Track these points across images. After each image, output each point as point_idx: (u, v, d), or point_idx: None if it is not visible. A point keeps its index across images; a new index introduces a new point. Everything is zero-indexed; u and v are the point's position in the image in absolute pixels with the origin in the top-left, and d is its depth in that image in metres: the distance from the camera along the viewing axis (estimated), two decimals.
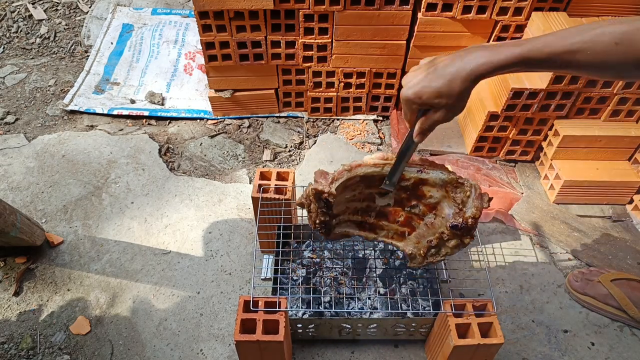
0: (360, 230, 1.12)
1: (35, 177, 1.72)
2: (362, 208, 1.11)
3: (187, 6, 2.52)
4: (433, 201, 1.06)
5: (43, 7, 2.50)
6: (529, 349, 1.30)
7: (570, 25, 1.50)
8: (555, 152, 1.61)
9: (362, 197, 1.10)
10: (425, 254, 1.08)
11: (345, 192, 1.06)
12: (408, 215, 1.10)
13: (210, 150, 1.85)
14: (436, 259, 1.08)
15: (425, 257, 1.08)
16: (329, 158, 1.82)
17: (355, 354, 1.28)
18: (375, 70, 1.81)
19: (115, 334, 1.32)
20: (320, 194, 0.97)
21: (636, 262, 1.47)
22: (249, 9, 1.60)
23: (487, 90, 1.67)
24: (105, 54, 2.24)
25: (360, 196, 1.09)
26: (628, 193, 1.61)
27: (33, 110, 2.00)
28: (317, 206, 1.00)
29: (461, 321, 1.07)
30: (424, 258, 1.08)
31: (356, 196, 1.09)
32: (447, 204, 1.04)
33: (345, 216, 1.11)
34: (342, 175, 1.02)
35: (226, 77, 1.84)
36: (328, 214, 1.02)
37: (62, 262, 1.48)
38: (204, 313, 1.37)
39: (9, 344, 1.30)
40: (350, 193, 1.08)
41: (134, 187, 1.70)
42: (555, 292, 1.42)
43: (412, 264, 1.11)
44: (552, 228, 1.56)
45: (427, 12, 1.62)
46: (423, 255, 1.08)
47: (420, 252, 1.08)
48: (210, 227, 1.58)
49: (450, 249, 1.06)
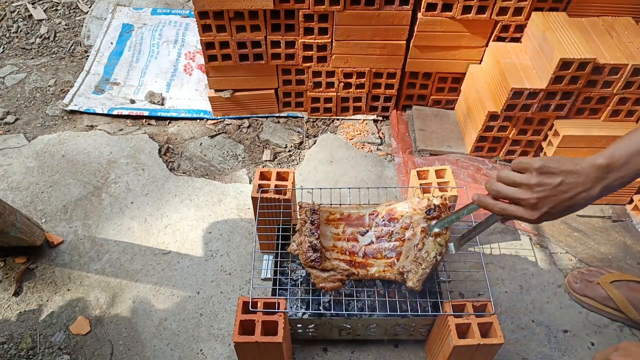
0: (350, 267, 1.13)
1: (35, 177, 1.72)
2: (349, 249, 1.17)
3: (187, 6, 2.52)
4: (407, 220, 1.16)
5: (43, 7, 2.50)
6: (528, 349, 1.30)
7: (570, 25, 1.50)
8: (555, 152, 1.60)
9: (346, 238, 1.18)
10: (416, 261, 1.08)
11: (329, 225, 1.19)
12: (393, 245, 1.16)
13: (210, 150, 1.85)
14: (429, 262, 1.07)
15: (418, 264, 1.07)
16: (328, 158, 1.82)
17: (355, 354, 1.28)
18: (375, 70, 1.81)
19: (115, 334, 1.32)
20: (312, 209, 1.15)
21: (636, 263, 1.47)
22: (248, 9, 1.60)
23: (487, 90, 1.67)
24: (105, 54, 2.24)
25: (344, 236, 1.19)
26: (628, 193, 1.61)
27: (33, 110, 2.00)
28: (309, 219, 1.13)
29: (461, 321, 1.07)
30: (417, 266, 1.07)
31: (340, 235, 1.18)
32: (418, 215, 1.15)
33: (334, 254, 1.15)
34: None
35: (226, 77, 1.84)
36: (316, 237, 1.11)
37: (62, 262, 1.48)
38: (203, 313, 1.37)
39: (9, 344, 1.30)
40: (334, 229, 1.19)
41: (133, 187, 1.70)
42: (555, 292, 1.42)
43: (410, 282, 1.07)
44: (552, 228, 1.56)
45: (427, 12, 1.62)
46: (415, 264, 1.08)
47: (411, 264, 1.09)
48: (210, 227, 1.58)
49: (436, 244, 1.07)
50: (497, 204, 0.86)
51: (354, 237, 1.18)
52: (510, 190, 0.83)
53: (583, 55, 1.42)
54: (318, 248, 1.09)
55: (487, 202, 0.87)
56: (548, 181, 0.79)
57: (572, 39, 1.47)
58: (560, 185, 0.79)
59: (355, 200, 1.48)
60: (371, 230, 1.18)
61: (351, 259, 1.14)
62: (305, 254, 1.09)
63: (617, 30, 1.56)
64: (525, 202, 0.82)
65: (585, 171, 0.77)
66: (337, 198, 1.37)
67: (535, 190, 0.80)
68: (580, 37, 1.48)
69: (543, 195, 0.80)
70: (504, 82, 1.55)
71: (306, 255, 1.09)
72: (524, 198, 0.81)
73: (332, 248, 1.16)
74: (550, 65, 1.46)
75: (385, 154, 1.84)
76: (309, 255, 1.08)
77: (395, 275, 1.10)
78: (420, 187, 1.33)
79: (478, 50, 1.74)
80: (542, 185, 0.79)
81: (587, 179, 0.78)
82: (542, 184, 0.80)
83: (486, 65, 1.72)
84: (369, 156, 1.83)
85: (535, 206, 0.81)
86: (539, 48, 1.54)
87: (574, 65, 1.43)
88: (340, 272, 1.11)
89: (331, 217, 1.21)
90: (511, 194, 0.83)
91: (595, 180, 0.77)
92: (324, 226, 1.18)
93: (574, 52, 1.43)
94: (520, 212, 0.83)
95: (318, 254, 1.09)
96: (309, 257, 1.08)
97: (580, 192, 0.79)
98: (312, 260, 1.08)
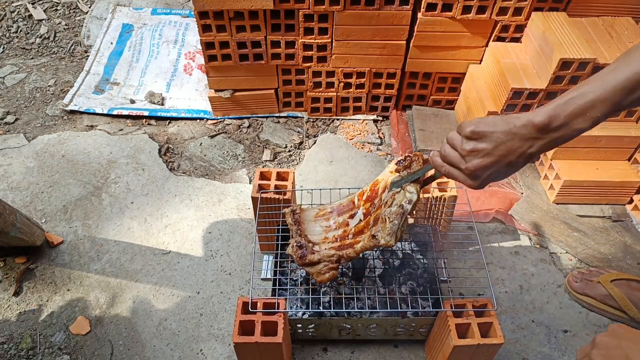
0: (337, 251, 1.10)
1: (35, 177, 1.72)
2: (340, 235, 1.15)
3: (187, 6, 2.52)
4: (383, 184, 1.11)
5: (43, 7, 2.50)
6: (528, 349, 1.30)
7: (570, 25, 1.51)
8: (555, 152, 1.61)
9: (337, 225, 1.17)
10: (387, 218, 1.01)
11: (319, 220, 1.19)
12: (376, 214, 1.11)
13: (210, 150, 1.85)
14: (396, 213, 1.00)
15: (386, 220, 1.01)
16: (328, 158, 1.82)
17: (355, 354, 1.28)
18: (375, 70, 1.81)
19: (115, 334, 1.32)
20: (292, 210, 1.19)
21: (636, 262, 1.47)
22: (248, 9, 1.60)
23: (487, 90, 1.67)
24: (105, 54, 2.24)
25: (335, 225, 1.17)
26: (628, 193, 1.61)
27: (33, 110, 2.00)
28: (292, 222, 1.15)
29: (461, 321, 1.07)
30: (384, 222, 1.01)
31: (331, 226, 1.18)
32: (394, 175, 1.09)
33: (324, 245, 1.14)
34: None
35: (226, 77, 1.84)
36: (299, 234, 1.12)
37: (62, 262, 1.48)
38: (203, 313, 1.37)
39: (9, 344, 1.30)
40: (324, 223, 1.18)
41: (133, 187, 1.70)
42: (555, 292, 1.42)
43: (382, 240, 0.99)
44: (552, 228, 1.56)
45: (427, 12, 1.62)
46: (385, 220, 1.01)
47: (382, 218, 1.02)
48: (210, 227, 1.58)
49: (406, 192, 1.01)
50: (443, 166, 0.83)
51: (345, 222, 1.16)
52: (452, 154, 0.80)
53: (583, 55, 1.42)
54: (303, 244, 1.10)
55: (437, 163, 0.84)
56: (481, 147, 0.75)
57: (572, 39, 1.47)
58: (494, 150, 0.75)
59: None
60: (360, 209, 1.16)
61: (341, 243, 1.12)
62: (295, 253, 1.10)
63: (617, 30, 1.56)
64: (463, 171, 0.79)
65: (521, 132, 0.73)
66: (337, 198, 1.36)
67: (468, 159, 0.77)
68: (580, 37, 1.48)
69: (478, 163, 0.76)
70: (504, 82, 1.55)
71: (296, 255, 1.10)
72: (461, 167, 0.79)
73: (323, 240, 1.15)
74: (550, 65, 1.46)
75: (385, 154, 1.84)
76: (298, 254, 1.09)
77: (370, 240, 1.03)
78: None
79: (478, 50, 1.74)
80: (476, 151, 0.76)
81: (523, 139, 0.73)
82: (475, 150, 0.76)
83: (486, 65, 1.72)
84: (369, 156, 1.83)
85: (473, 174, 0.78)
86: (539, 48, 1.54)
87: (574, 65, 1.44)
88: (328, 260, 1.08)
89: (320, 213, 1.21)
90: (451, 159, 0.80)
91: (532, 141, 0.73)
92: (312, 223, 1.19)
93: (574, 52, 1.43)
94: (462, 179, 0.80)
95: (303, 250, 1.09)
96: (298, 255, 1.09)
97: (517, 154, 0.75)
98: (300, 257, 1.09)
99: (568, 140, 0.74)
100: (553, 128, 0.72)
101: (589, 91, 0.70)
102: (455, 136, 0.80)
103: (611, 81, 0.69)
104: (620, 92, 0.69)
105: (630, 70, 0.68)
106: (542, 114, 0.72)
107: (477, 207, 1.59)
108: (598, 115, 0.70)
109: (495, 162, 0.76)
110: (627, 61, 0.70)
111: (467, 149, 0.77)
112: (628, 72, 0.68)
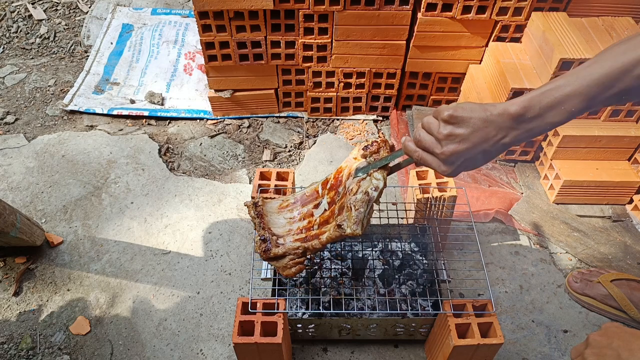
0: (302, 243, 1.06)
1: (35, 177, 1.72)
2: (305, 227, 1.10)
3: (187, 6, 2.52)
4: (347, 171, 1.06)
5: (43, 7, 2.50)
6: (528, 349, 1.30)
7: (570, 25, 1.51)
8: (555, 152, 1.61)
9: (301, 216, 1.12)
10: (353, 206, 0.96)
11: (282, 212, 1.14)
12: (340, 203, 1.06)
13: (210, 150, 1.85)
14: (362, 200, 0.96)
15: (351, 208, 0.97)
16: (328, 158, 1.82)
17: (355, 354, 1.28)
18: (375, 70, 1.81)
19: (115, 334, 1.32)
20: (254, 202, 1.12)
21: (636, 262, 1.47)
22: (248, 9, 1.60)
23: (487, 90, 1.67)
24: (105, 54, 2.24)
25: (300, 216, 1.12)
26: (628, 193, 1.61)
27: (33, 110, 2.00)
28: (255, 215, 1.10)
29: (461, 321, 1.07)
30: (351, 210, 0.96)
31: (295, 217, 1.12)
32: (359, 161, 1.05)
33: (289, 237, 1.09)
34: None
35: (226, 77, 1.84)
36: (262, 227, 1.07)
37: (61, 262, 1.48)
38: (203, 313, 1.37)
39: (9, 344, 1.30)
40: (288, 214, 1.13)
41: (133, 187, 1.70)
42: (555, 292, 1.42)
43: (348, 230, 0.96)
44: (552, 228, 1.56)
45: (427, 12, 1.62)
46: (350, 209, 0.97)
47: (346, 211, 0.99)
48: (210, 227, 1.58)
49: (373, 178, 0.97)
50: (416, 151, 0.82)
51: (310, 213, 1.11)
52: (427, 139, 0.79)
53: (583, 55, 1.42)
54: (266, 237, 1.05)
55: (409, 149, 0.83)
56: (457, 132, 0.75)
57: (572, 39, 1.47)
58: (470, 136, 0.74)
59: None
60: (324, 198, 1.10)
61: (306, 235, 1.07)
62: (259, 247, 1.05)
63: (617, 30, 1.56)
64: (438, 156, 0.78)
65: (497, 120, 0.73)
66: None
67: (444, 143, 0.76)
68: (580, 37, 1.48)
69: (453, 148, 0.75)
70: (504, 82, 1.55)
71: (260, 249, 1.05)
72: (436, 152, 0.78)
73: (288, 232, 1.10)
74: (550, 65, 1.46)
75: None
76: (262, 248, 1.04)
77: (335, 230, 0.98)
78: (419, 187, 1.33)
79: (478, 50, 1.74)
80: (452, 136, 0.75)
81: (499, 128, 0.73)
82: (451, 135, 0.75)
83: (486, 65, 1.72)
84: None
85: (448, 160, 0.77)
86: (539, 48, 1.54)
87: (573, 65, 1.43)
88: (294, 253, 1.04)
89: (284, 204, 1.15)
90: (426, 144, 0.79)
91: (507, 130, 0.73)
92: (275, 215, 1.13)
93: (573, 52, 1.43)
94: (435, 165, 0.79)
95: (267, 244, 1.04)
96: (262, 249, 1.04)
97: (492, 142, 0.75)
98: (264, 251, 1.04)
99: (542, 132, 0.74)
100: (527, 119, 0.72)
101: (565, 84, 0.70)
102: (431, 120, 0.79)
103: (587, 76, 0.69)
104: (595, 87, 0.69)
105: (607, 65, 0.68)
106: (518, 103, 0.72)
107: (477, 207, 1.59)
108: (572, 109, 0.71)
109: (470, 149, 0.75)
110: (605, 57, 0.70)
111: (444, 133, 0.76)
112: (605, 68, 0.68)
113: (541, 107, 0.71)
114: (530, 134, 0.74)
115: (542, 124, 0.72)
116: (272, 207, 1.16)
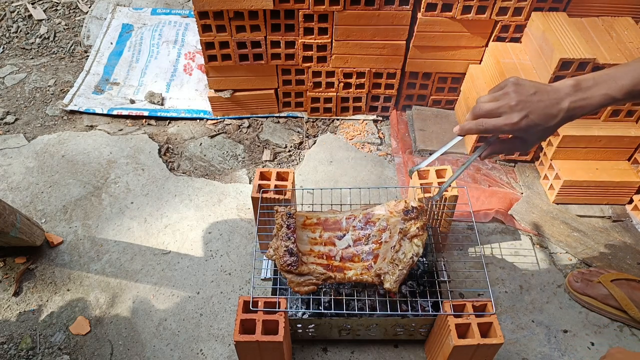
0: (327, 271, 1.12)
1: (35, 177, 1.72)
2: (326, 253, 1.16)
3: (187, 6, 2.52)
4: (384, 223, 1.16)
5: (43, 7, 2.50)
6: (528, 349, 1.30)
7: (570, 25, 1.51)
8: (555, 152, 1.61)
9: (323, 242, 1.18)
10: (393, 262, 1.08)
11: (306, 230, 1.19)
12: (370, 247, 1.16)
13: (210, 150, 1.85)
14: (406, 263, 1.07)
15: (395, 266, 1.07)
16: (328, 158, 1.82)
17: (355, 354, 1.28)
18: (375, 70, 1.81)
19: (115, 334, 1.32)
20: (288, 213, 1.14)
21: (636, 262, 1.47)
22: (248, 9, 1.60)
23: (487, 90, 1.67)
24: (105, 54, 2.24)
25: (321, 240, 1.18)
26: (628, 193, 1.61)
27: (33, 110, 2.00)
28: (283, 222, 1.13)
29: (461, 321, 1.07)
30: (394, 267, 1.07)
31: (317, 240, 1.18)
32: (395, 218, 1.16)
33: (311, 258, 1.14)
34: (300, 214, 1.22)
35: (226, 77, 1.84)
36: (292, 241, 1.10)
37: (61, 262, 1.48)
38: (203, 313, 1.37)
39: (9, 344, 1.30)
40: (310, 234, 1.19)
41: (133, 187, 1.70)
42: (555, 292, 1.42)
43: (387, 284, 1.07)
44: (552, 228, 1.56)
45: (426, 12, 1.62)
46: (392, 265, 1.08)
47: (388, 266, 1.08)
48: (210, 227, 1.58)
49: (413, 245, 1.09)
50: (478, 122, 0.90)
51: (331, 241, 1.17)
52: (491, 103, 0.88)
53: (583, 55, 1.42)
54: (294, 252, 1.08)
55: (469, 126, 0.91)
56: (524, 90, 0.86)
57: (572, 39, 1.47)
58: (535, 94, 0.86)
59: (355, 200, 1.48)
60: (348, 233, 1.18)
61: (328, 262, 1.14)
62: (281, 258, 1.08)
63: (617, 30, 1.56)
64: (505, 107, 0.86)
65: (556, 86, 0.87)
66: (337, 198, 1.37)
67: (512, 95, 0.86)
68: (580, 37, 1.48)
69: (521, 98, 0.86)
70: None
71: (282, 260, 1.07)
72: (502, 104, 0.86)
73: (309, 252, 1.15)
74: (550, 65, 1.46)
75: (385, 154, 1.84)
76: (285, 260, 1.07)
77: (372, 277, 1.09)
78: (420, 187, 1.33)
79: (478, 50, 1.74)
80: (519, 92, 0.86)
81: (558, 93, 0.86)
82: (518, 91, 0.86)
83: (486, 65, 1.72)
84: (369, 156, 1.83)
85: (515, 108, 0.86)
86: (539, 48, 1.54)
87: (573, 65, 1.44)
88: (317, 277, 1.09)
89: (308, 222, 1.20)
90: (491, 106, 0.88)
91: (564, 96, 0.86)
92: (300, 231, 1.18)
93: (573, 52, 1.43)
94: (502, 121, 0.86)
95: (295, 258, 1.07)
96: (286, 261, 1.07)
97: (552, 103, 0.85)
98: (289, 265, 1.07)
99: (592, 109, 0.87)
100: (581, 88, 0.85)
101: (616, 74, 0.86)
102: (488, 95, 0.90)
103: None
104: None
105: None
106: (574, 78, 0.87)
107: (477, 207, 1.59)
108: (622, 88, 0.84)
109: (533, 103, 0.86)
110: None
111: (511, 90, 0.87)
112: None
113: (593, 81, 0.85)
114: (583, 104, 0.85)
115: (592, 96, 0.85)
116: (298, 221, 1.20)
